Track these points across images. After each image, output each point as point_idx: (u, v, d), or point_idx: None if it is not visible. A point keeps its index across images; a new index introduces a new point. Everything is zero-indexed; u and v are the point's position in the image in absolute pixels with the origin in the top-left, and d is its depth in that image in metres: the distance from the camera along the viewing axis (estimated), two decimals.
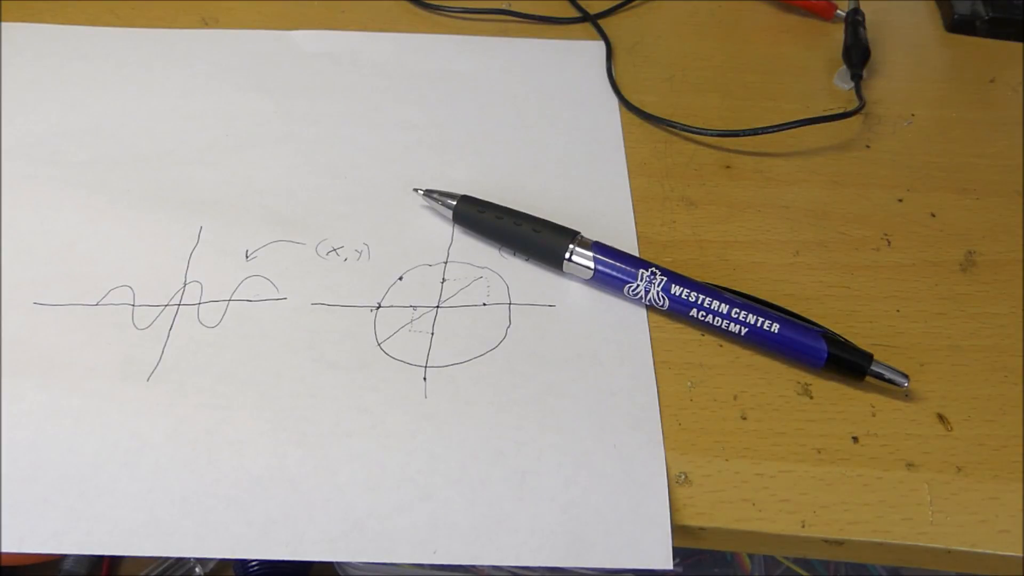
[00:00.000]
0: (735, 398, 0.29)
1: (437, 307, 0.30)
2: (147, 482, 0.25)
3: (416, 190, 0.34)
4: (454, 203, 0.32)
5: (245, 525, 0.24)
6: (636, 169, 0.37)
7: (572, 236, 0.31)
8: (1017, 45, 0.45)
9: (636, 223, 0.34)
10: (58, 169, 0.35)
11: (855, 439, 0.28)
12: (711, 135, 0.38)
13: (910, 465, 0.27)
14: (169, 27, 0.43)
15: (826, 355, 0.28)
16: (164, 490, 0.25)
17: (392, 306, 0.30)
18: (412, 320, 0.30)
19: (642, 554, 0.25)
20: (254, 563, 0.54)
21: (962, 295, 0.32)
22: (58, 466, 0.25)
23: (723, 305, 0.29)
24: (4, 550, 0.24)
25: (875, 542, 0.25)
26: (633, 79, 0.42)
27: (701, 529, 0.26)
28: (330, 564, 0.50)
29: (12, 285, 0.30)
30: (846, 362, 0.28)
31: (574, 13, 0.45)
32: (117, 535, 0.24)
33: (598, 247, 0.31)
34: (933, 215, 0.35)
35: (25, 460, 0.25)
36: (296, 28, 0.43)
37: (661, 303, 0.30)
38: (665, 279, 0.30)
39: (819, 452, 0.27)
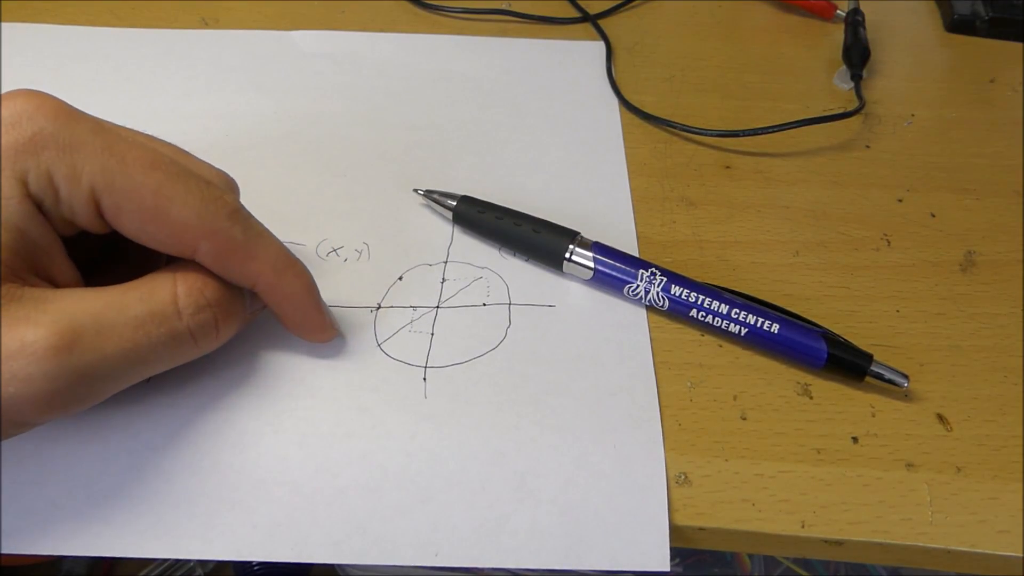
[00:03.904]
0: (735, 398, 0.29)
1: (437, 307, 0.30)
2: (152, 484, 0.25)
3: (416, 190, 0.34)
4: (454, 203, 0.33)
5: (251, 527, 0.25)
6: (636, 169, 0.37)
7: (572, 236, 0.31)
8: (1017, 45, 0.45)
9: (636, 223, 0.34)
10: None
11: (855, 439, 0.28)
12: (711, 135, 0.38)
13: (910, 465, 0.27)
14: (169, 27, 0.43)
15: (826, 355, 0.28)
16: (169, 493, 0.25)
17: (392, 306, 0.30)
18: (412, 320, 0.30)
19: (640, 555, 0.25)
20: (256, 563, 0.54)
21: (962, 295, 0.32)
22: (64, 469, 0.25)
23: (723, 305, 0.29)
24: (4, 551, 0.24)
25: (875, 542, 0.25)
26: (633, 79, 0.42)
27: (701, 529, 0.26)
28: (331, 564, 0.50)
29: None
30: (846, 362, 0.28)
31: (574, 13, 0.45)
32: (124, 537, 0.24)
33: (598, 247, 0.31)
34: (933, 215, 0.36)
35: (30, 462, 0.25)
36: (296, 28, 0.43)
37: (661, 303, 0.30)
38: (665, 279, 0.30)
39: (819, 452, 0.27)
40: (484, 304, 0.31)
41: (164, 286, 0.23)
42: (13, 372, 0.20)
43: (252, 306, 0.27)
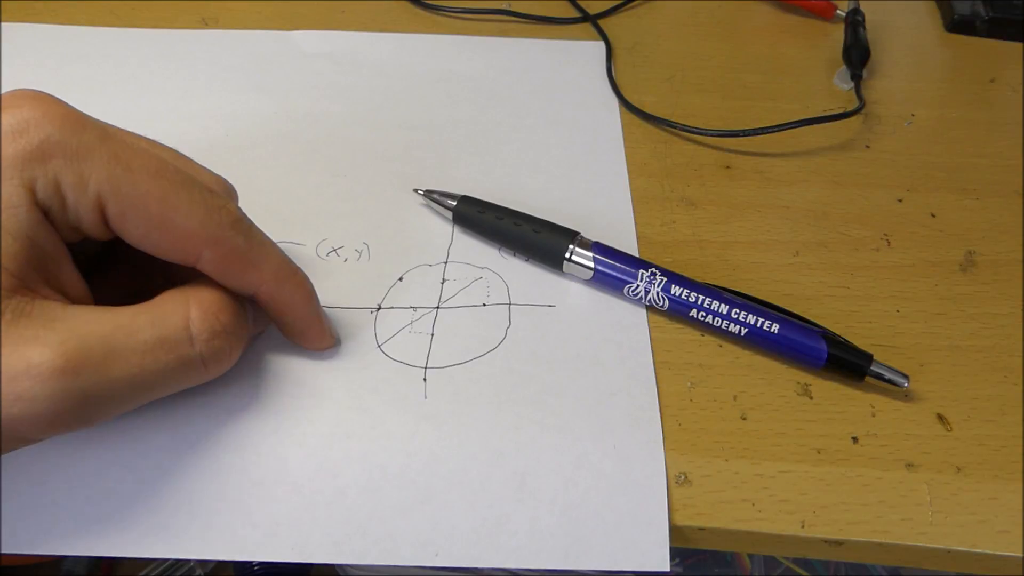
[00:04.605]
0: (735, 398, 0.29)
1: (437, 308, 0.30)
2: (152, 484, 0.25)
3: (416, 190, 0.34)
4: (454, 203, 0.33)
5: (251, 527, 0.25)
6: (636, 169, 0.37)
7: (572, 236, 0.31)
8: (1017, 45, 0.45)
9: (636, 223, 0.34)
10: None
11: (855, 439, 0.28)
12: (711, 135, 0.38)
13: (910, 465, 0.27)
14: (169, 27, 0.43)
15: (826, 355, 0.28)
16: (170, 492, 0.25)
17: (392, 307, 0.30)
18: (412, 321, 0.30)
19: (640, 556, 0.25)
20: (256, 563, 0.54)
21: (962, 295, 0.32)
22: (64, 469, 0.25)
23: (723, 305, 0.29)
24: (4, 551, 0.24)
25: (875, 542, 0.25)
26: (633, 79, 0.42)
27: (701, 529, 0.26)
28: (331, 564, 0.50)
29: None
30: (846, 362, 0.28)
31: (574, 13, 0.45)
32: (124, 537, 0.24)
33: (598, 247, 0.31)
34: (933, 215, 0.36)
35: (30, 462, 0.25)
36: (296, 28, 0.43)
37: (661, 303, 0.30)
38: (665, 279, 0.30)
39: (819, 452, 0.27)
40: (484, 304, 0.31)
41: (176, 310, 0.23)
42: (19, 393, 0.20)
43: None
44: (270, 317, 0.27)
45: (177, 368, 0.23)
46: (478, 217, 0.32)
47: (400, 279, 0.31)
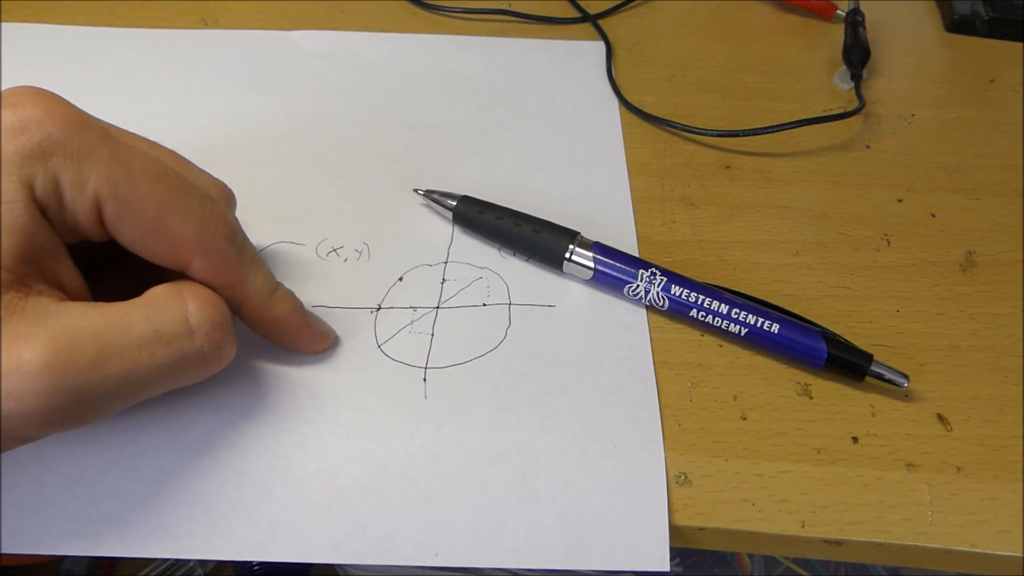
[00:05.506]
0: (735, 398, 0.29)
1: (437, 308, 0.30)
2: (152, 484, 0.25)
3: (416, 190, 0.34)
4: (454, 203, 0.33)
5: (251, 527, 0.25)
6: (636, 169, 0.37)
7: (572, 236, 0.31)
8: (1017, 45, 0.45)
9: (636, 223, 0.34)
10: None
11: (855, 439, 0.28)
12: (711, 135, 0.38)
13: (910, 465, 0.27)
14: (169, 27, 0.43)
15: (826, 355, 0.28)
16: (170, 493, 0.25)
17: (392, 307, 0.30)
18: (412, 321, 0.30)
19: (640, 556, 0.25)
20: (256, 563, 0.54)
21: (962, 295, 0.32)
22: (64, 469, 0.25)
23: (723, 305, 0.29)
24: (4, 551, 0.24)
25: (875, 542, 0.25)
26: (633, 79, 0.42)
27: (701, 529, 0.26)
28: (331, 564, 0.50)
29: None
30: (846, 362, 0.28)
31: (574, 13, 0.45)
32: (124, 537, 0.24)
33: (598, 247, 0.31)
34: (933, 215, 0.36)
35: (30, 462, 0.25)
36: (296, 28, 0.43)
37: (661, 303, 0.30)
38: (665, 279, 0.30)
39: (819, 452, 0.27)
40: (484, 304, 0.31)
41: (171, 304, 0.23)
42: (9, 390, 0.19)
43: None
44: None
45: (174, 363, 0.22)
46: (478, 217, 0.32)
47: (400, 279, 0.31)
